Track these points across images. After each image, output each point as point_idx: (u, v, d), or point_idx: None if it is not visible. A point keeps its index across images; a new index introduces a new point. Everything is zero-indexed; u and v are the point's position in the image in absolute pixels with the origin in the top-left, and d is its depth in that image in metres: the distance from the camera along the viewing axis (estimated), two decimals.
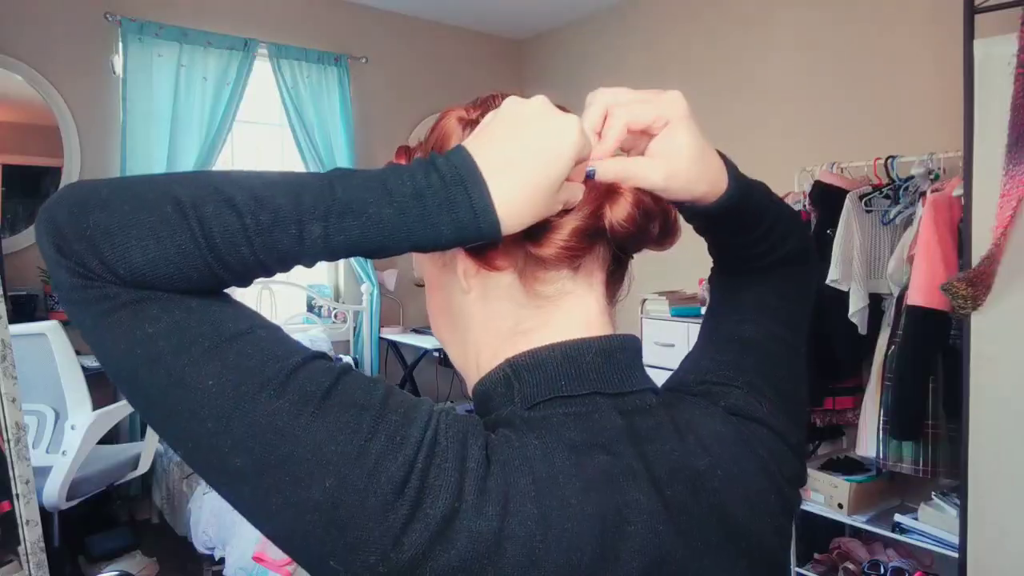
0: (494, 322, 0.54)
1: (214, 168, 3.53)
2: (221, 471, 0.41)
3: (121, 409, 2.59)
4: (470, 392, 0.55)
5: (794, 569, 2.69)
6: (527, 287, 0.52)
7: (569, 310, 0.52)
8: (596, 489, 0.45)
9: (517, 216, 0.43)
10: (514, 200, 0.43)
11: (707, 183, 0.51)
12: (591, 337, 0.52)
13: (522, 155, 0.43)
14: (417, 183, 0.42)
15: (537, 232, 0.48)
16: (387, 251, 0.43)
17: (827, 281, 2.43)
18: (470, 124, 0.54)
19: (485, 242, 0.44)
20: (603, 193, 0.49)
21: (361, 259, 3.81)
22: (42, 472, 2.24)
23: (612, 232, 0.49)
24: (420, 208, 0.42)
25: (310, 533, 0.40)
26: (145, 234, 0.39)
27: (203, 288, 0.41)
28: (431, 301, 0.59)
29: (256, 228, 0.40)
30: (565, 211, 0.48)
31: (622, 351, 0.52)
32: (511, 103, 0.46)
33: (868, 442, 2.39)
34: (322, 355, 0.44)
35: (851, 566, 2.56)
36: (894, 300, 2.38)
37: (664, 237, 0.53)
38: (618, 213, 0.49)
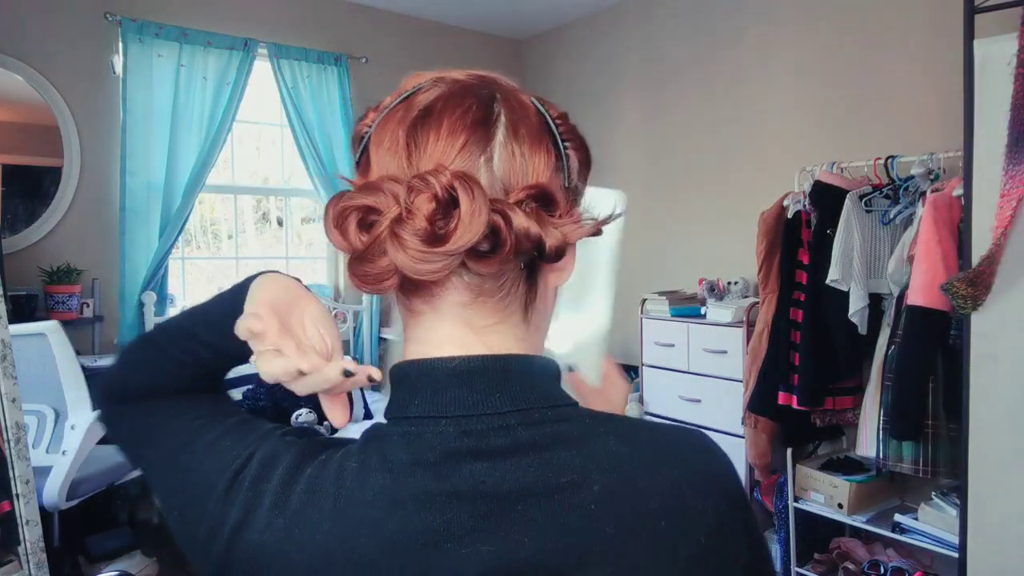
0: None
1: (211, 167, 3.56)
2: None
3: None
4: None
5: (794, 569, 2.70)
6: (399, 299, 0.54)
7: (428, 328, 0.52)
8: (406, 508, 0.47)
9: None
10: None
11: None
12: (446, 356, 0.51)
13: None
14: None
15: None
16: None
17: (827, 281, 2.43)
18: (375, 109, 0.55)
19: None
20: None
21: None
22: (42, 472, 2.24)
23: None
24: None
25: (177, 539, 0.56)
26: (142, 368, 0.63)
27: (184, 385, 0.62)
28: None
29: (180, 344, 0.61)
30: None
31: (482, 373, 0.50)
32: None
33: (868, 442, 2.39)
34: (237, 411, 0.60)
35: (851, 566, 2.56)
36: (894, 300, 2.38)
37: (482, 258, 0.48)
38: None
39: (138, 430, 0.61)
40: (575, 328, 0.72)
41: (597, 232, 0.52)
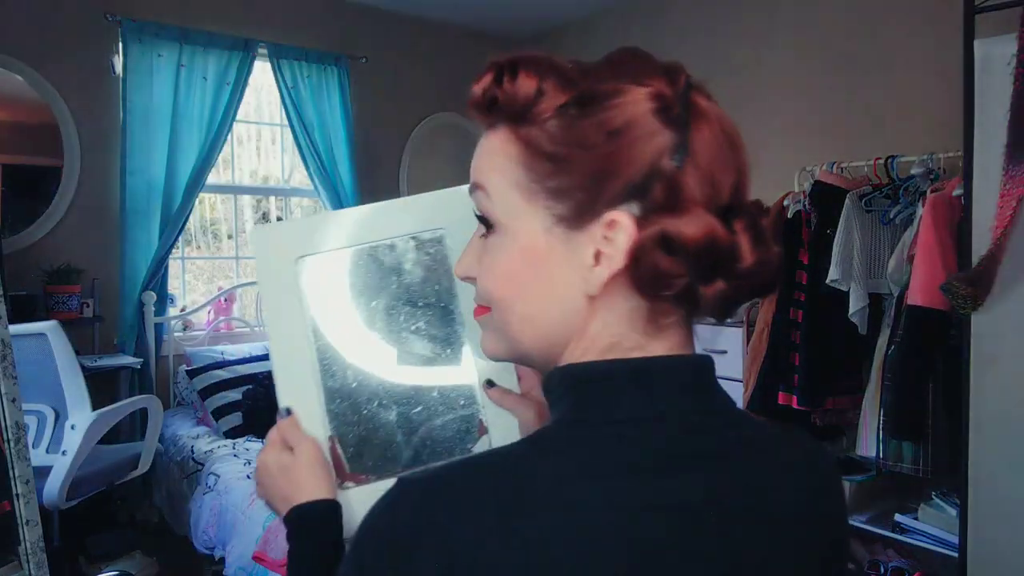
0: (599, 331, 0.50)
1: (211, 167, 3.56)
2: None
3: (121, 409, 2.59)
4: (532, 356, 0.54)
5: None
6: (651, 314, 0.49)
7: (669, 338, 0.50)
8: (626, 518, 0.43)
9: None
10: None
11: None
12: (658, 356, 0.49)
13: None
14: None
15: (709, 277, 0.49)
16: None
17: (827, 281, 2.43)
18: (664, 109, 0.48)
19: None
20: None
21: None
22: (42, 472, 2.24)
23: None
24: None
25: None
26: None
27: None
28: (513, 253, 0.51)
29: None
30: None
31: (691, 372, 0.50)
32: None
33: (868, 442, 2.39)
34: None
35: (851, 566, 2.56)
36: (894, 300, 2.38)
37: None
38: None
39: None
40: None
41: None
